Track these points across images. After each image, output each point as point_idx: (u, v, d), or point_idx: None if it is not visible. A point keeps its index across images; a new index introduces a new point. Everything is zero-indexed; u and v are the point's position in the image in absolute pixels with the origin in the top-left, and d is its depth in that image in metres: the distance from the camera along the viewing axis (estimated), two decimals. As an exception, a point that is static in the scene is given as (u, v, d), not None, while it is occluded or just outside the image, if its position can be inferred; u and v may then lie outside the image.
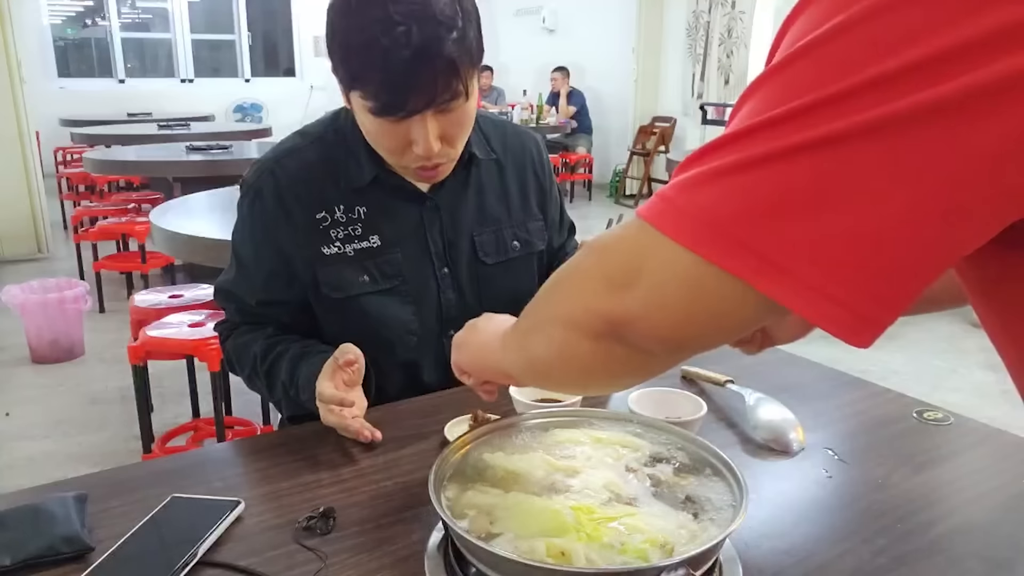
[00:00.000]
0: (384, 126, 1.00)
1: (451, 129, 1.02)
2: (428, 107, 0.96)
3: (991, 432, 0.99)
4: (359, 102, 0.99)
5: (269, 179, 1.12)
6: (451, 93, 0.97)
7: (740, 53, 6.87)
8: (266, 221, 1.12)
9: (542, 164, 1.30)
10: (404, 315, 1.15)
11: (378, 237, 1.13)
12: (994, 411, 3.06)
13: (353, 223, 1.12)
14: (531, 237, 1.25)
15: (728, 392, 1.09)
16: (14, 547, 0.73)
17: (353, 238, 1.12)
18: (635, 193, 7.84)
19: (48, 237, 5.42)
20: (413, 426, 1.01)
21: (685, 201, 0.42)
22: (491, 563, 0.61)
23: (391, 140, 1.02)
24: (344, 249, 1.12)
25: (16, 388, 3.21)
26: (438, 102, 0.96)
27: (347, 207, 1.12)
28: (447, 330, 1.17)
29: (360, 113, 1.02)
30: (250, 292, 1.16)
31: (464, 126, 1.05)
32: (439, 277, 1.17)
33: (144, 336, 2.17)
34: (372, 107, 0.96)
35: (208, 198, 2.92)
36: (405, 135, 1.00)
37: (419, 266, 1.16)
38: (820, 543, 0.76)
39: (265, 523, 0.80)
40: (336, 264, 1.12)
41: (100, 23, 9.43)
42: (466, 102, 1.01)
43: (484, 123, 1.24)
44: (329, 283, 1.12)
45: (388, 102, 0.95)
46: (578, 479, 0.72)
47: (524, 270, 1.25)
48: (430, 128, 0.99)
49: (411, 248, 1.15)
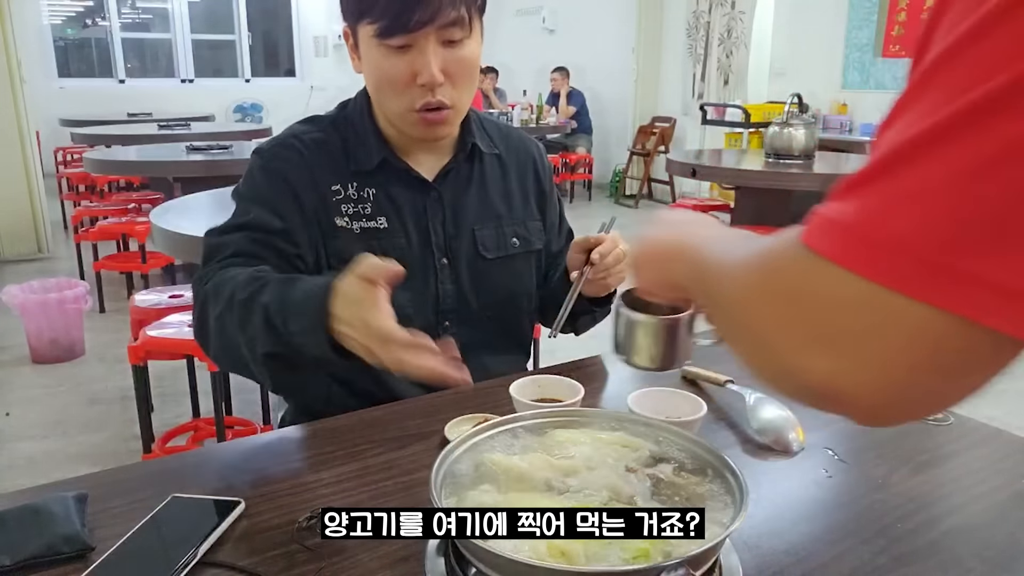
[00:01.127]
0: (390, 58, 1.04)
1: (454, 66, 1.06)
2: (431, 22, 1.01)
3: (991, 432, 0.99)
4: (367, 34, 1.04)
5: (293, 142, 1.14)
6: (454, 13, 1.02)
7: (740, 53, 6.87)
8: (287, 178, 1.11)
9: (544, 167, 1.32)
10: (401, 300, 1.10)
11: (385, 219, 1.15)
12: (994, 411, 3.07)
13: (363, 202, 1.14)
14: (530, 236, 1.27)
15: (728, 392, 1.09)
16: (14, 547, 0.73)
17: (362, 216, 1.14)
18: (635, 193, 7.84)
19: (48, 237, 5.42)
20: (413, 426, 1.01)
21: (877, 230, 0.34)
22: (491, 563, 0.61)
23: (396, 71, 1.05)
24: (352, 225, 1.13)
25: (16, 388, 3.21)
26: (441, 18, 1.01)
27: (359, 185, 1.14)
28: (443, 322, 1.19)
29: (368, 51, 1.06)
30: (240, 244, 1.05)
31: (466, 67, 1.08)
32: (438, 268, 1.18)
33: (144, 336, 2.17)
34: (379, 27, 1.01)
35: (208, 198, 2.92)
36: (409, 66, 1.04)
37: (420, 254, 1.17)
38: (820, 543, 0.76)
39: (265, 523, 0.80)
40: (344, 238, 1.13)
41: (100, 23, 9.43)
42: (469, 38, 1.06)
43: (486, 122, 1.27)
44: (335, 255, 1.12)
45: (395, 15, 1.00)
46: (578, 479, 0.72)
47: (522, 267, 1.26)
48: (432, 56, 1.03)
49: (413, 235, 1.17)
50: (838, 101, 6.18)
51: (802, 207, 3.38)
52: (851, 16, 6.06)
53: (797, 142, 4.19)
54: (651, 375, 1.17)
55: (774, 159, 4.26)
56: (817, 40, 6.26)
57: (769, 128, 4.36)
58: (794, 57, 6.47)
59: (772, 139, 4.28)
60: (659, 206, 7.25)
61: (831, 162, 4.49)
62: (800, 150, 4.18)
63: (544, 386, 1.02)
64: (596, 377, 1.17)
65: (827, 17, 6.19)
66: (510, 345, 1.29)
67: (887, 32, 5.81)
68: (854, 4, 6.03)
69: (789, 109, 4.31)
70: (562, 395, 1.00)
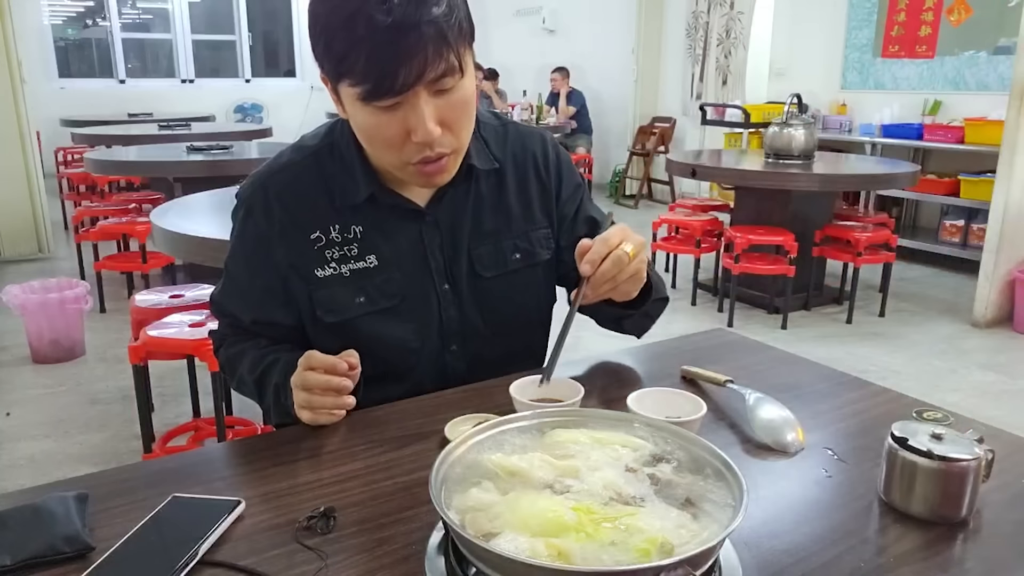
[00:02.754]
0: (379, 117, 0.94)
1: (450, 113, 0.96)
2: (420, 80, 0.90)
3: (991, 432, 0.99)
4: (350, 95, 0.94)
5: (261, 195, 1.09)
6: (443, 64, 0.91)
7: (739, 54, 6.88)
8: (259, 239, 1.09)
9: (546, 164, 1.22)
10: (404, 334, 1.12)
11: (375, 257, 1.10)
12: (994, 411, 3.07)
13: (349, 243, 1.09)
14: (533, 247, 1.19)
15: (728, 392, 1.09)
16: (14, 547, 0.73)
17: (349, 258, 1.09)
18: (635, 193, 7.84)
19: (49, 237, 5.43)
20: (413, 426, 1.01)
21: None
22: (491, 563, 0.61)
23: (388, 131, 0.95)
24: (340, 270, 1.09)
25: (17, 388, 3.21)
26: (429, 73, 0.90)
27: (342, 226, 1.09)
28: (449, 345, 1.16)
29: (353, 109, 0.96)
30: (244, 309, 1.14)
31: (463, 110, 0.98)
32: (440, 294, 1.14)
33: (144, 336, 2.18)
34: (362, 91, 0.91)
35: (208, 198, 2.92)
36: (402, 124, 0.94)
37: (419, 284, 1.12)
38: (820, 543, 0.76)
39: (265, 523, 0.80)
40: (332, 286, 1.09)
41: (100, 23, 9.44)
42: (462, 79, 0.95)
43: (484, 128, 1.18)
44: (324, 306, 1.09)
45: (378, 78, 0.90)
46: (578, 479, 0.72)
47: (526, 282, 1.19)
48: (426, 110, 0.93)
49: (410, 266, 1.12)
50: (837, 101, 6.18)
51: (802, 207, 3.47)
52: (851, 16, 6.06)
53: (797, 142, 4.19)
54: (651, 376, 1.17)
55: (774, 159, 4.26)
56: (817, 40, 6.26)
57: (769, 128, 4.36)
58: (793, 57, 6.47)
59: (772, 139, 4.28)
60: (659, 206, 7.25)
61: (831, 162, 4.49)
62: (800, 150, 4.19)
63: (544, 386, 1.02)
64: (596, 377, 1.17)
65: (826, 17, 6.19)
66: (522, 358, 1.22)
67: (887, 32, 5.81)
68: (854, 4, 6.03)
69: (789, 109, 4.31)
70: (562, 395, 1.00)
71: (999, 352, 3.76)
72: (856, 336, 3.91)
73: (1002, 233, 3.95)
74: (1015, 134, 3.85)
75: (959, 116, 5.25)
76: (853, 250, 4.03)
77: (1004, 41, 5.11)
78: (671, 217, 4.60)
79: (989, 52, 5.24)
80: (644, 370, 1.19)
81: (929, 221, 5.73)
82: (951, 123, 5.25)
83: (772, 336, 3.85)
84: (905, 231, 5.58)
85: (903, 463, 0.80)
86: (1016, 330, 3.99)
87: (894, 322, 4.17)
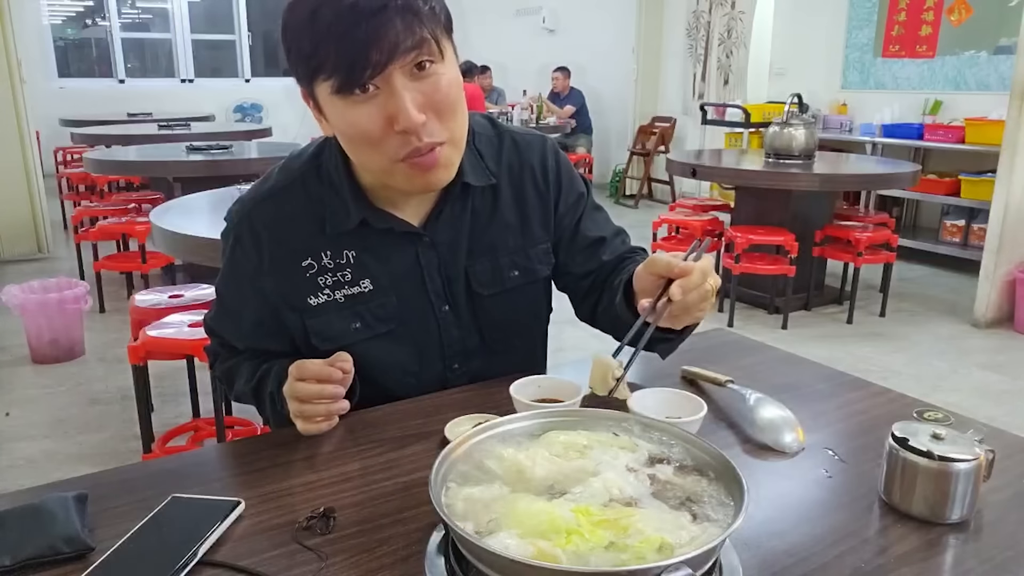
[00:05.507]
0: (358, 110, 0.89)
1: (434, 96, 0.91)
2: (392, 57, 0.86)
3: (991, 432, 0.98)
4: (327, 94, 0.90)
5: (247, 225, 1.06)
6: (414, 39, 0.87)
7: (740, 53, 6.88)
8: (248, 271, 1.07)
9: (545, 175, 1.15)
10: (402, 357, 1.10)
11: (369, 281, 1.06)
12: (994, 411, 3.07)
13: (342, 268, 1.05)
14: (532, 264, 1.15)
15: (728, 392, 1.09)
16: (14, 547, 0.73)
17: (343, 284, 1.05)
18: (635, 193, 7.84)
19: (48, 237, 5.43)
20: (413, 426, 1.01)
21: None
22: (491, 563, 0.61)
23: (369, 124, 0.90)
24: (334, 296, 1.05)
25: (16, 388, 3.21)
26: (402, 50, 0.86)
27: (334, 252, 1.05)
28: (451, 365, 1.14)
29: (333, 111, 0.92)
30: (237, 336, 1.14)
31: (447, 96, 0.92)
32: (439, 316, 1.11)
33: (144, 336, 2.17)
34: (336, 82, 0.87)
35: (208, 198, 2.92)
36: (382, 113, 0.89)
37: (417, 307, 1.09)
38: (820, 543, 0.76)
39: (265, 523, 0.80)
40: (326, 313, 1.06)
41: (100, 23, 9.44)
42: (442, 63, 0.91)
43: (479, 140, 1.12)
44: (320, 333, 1.06)
45: (350, 63, 0.86)
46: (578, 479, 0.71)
47: (524, 299, 1.16)
48: (405, 94, 0.88)
49: (407, 289, 1.08)
50: (838, 101, 6.18)
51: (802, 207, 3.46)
52: (851, 16, 6.06)
53: (797, 142, 4.19)
54: (651, 376, 1.17)
55: (774, 159, 4.26)
56: (817, 40, 6.26)
57: (769, 128, 4.36)
58: (794, 57, 6.47)
59: (772, 139, 4.28)
60: (659, 206, 7.25)
61: (831, 162, 4.49)
62: (800, 150, 4.19)
63: (544, 386, 1.02)
64: (596, 377, 1.17)
65: (827, 17, 6.19)
66: (523, 369, 1.16)
67: (887, 32, 5.81)
68: (854, 4, 6.03)
69: (789, 109, 4.31)
70: (562, 395, 1.00)
71: (999, 352, 3.76)
72: (856, 336, 3.91)
73: (1003, 233, 3.95)
74: (1015, 134, 3.85)
75: (959, 116, 5.24)
76: (853, 250, 4.03)
77: (1004, 41, 5.11)
78: (671, 217, 4.60)
79: (989, 52, 5.24)
80: (644, 370, 1.19)
81: (929, 221, 5.73)
82: (951, 123, 5.25)
83: (772, 336, 3.85)
84: (905, 231, 5.58)
85: (904, 463, 0.80)
86: (1017, 330, 3.99)
87: (894, 322, 4.17)
